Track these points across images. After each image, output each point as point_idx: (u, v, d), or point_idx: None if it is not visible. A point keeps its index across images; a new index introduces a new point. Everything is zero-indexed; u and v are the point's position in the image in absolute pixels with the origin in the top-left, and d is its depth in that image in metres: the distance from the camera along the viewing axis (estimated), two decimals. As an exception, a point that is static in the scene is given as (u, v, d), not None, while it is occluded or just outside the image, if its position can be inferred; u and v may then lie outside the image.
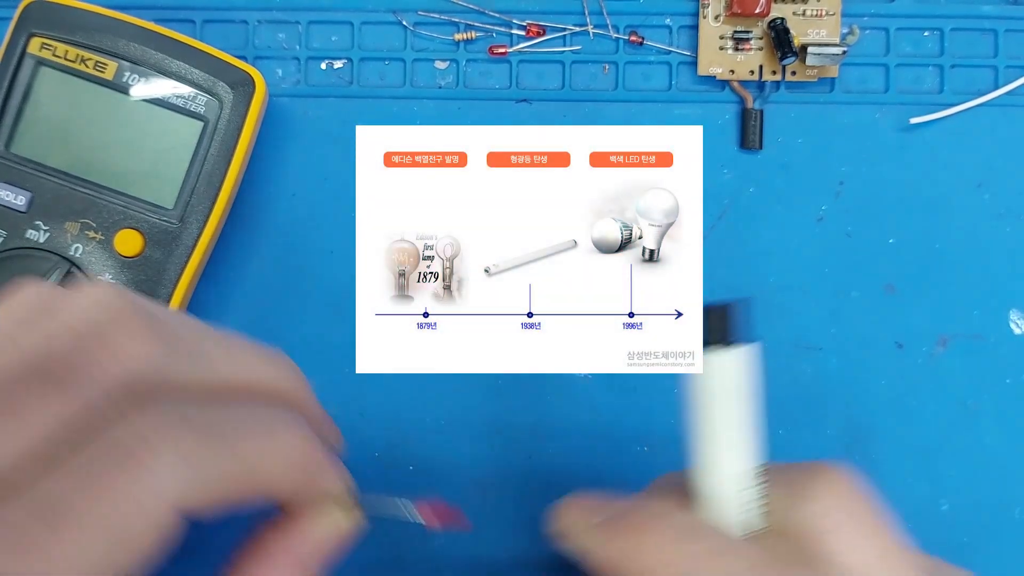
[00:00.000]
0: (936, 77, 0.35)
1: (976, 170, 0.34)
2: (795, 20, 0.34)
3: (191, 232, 0.31)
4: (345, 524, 0.22)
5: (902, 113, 0.34)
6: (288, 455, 0.20)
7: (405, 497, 0.26)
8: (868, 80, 0.35)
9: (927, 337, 0.34)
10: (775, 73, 0.34)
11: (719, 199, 0.34)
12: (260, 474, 0.19)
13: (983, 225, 0.34)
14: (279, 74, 0.35)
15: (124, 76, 0.31)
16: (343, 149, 0.34)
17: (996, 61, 0.35)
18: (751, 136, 0.34)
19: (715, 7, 0.34)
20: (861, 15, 0.35)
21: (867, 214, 0.34)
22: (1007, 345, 0.34)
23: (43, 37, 0.31)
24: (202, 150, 0.31)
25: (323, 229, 0.34)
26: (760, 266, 0.34)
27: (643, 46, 0.34)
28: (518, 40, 0.35)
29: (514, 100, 0.35)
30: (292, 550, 0.21)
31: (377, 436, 0.34)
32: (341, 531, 0.22)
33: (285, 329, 0.34)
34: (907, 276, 0.34)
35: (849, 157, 0.34)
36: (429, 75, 0.35)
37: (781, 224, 0.34)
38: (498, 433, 0.33)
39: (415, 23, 0.35)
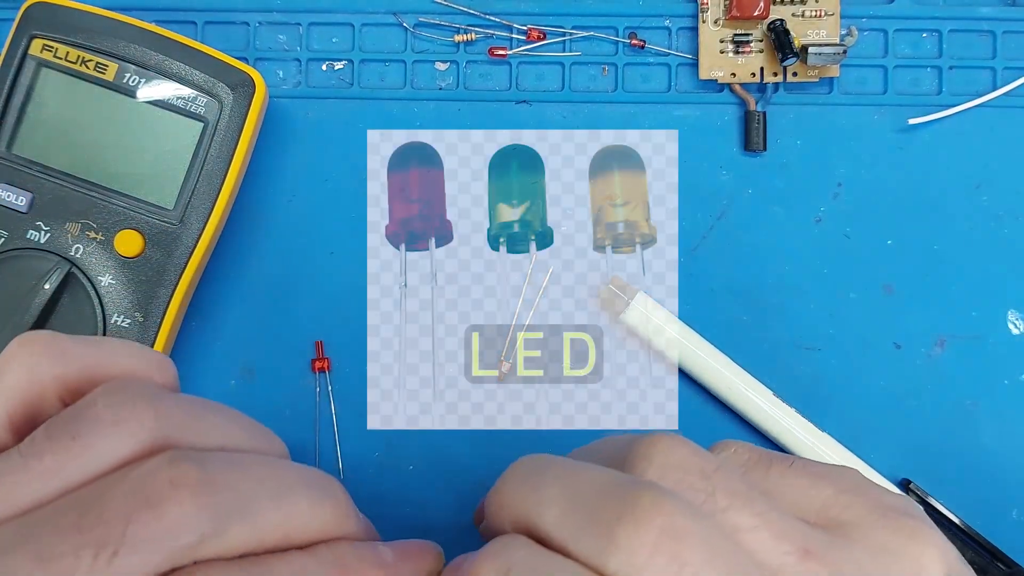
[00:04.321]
0: (934, 78, 0.35)
1: (974, 171, 0.34)
2: (794, 21, 0.34)
3: (191, 233, 0.31)
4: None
5: (900, 114, 0.34)
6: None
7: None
8: (866, 81, 0.35)
9: (925, 338, 0.34)
10: (776, 75, 0.34)
11: (718, 200, 0.34)
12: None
13: (981, 226, 0.34)
14: (280, 75, 0.35)
15: (125, 77, 0.31)
16: (344, 150, 0.34)
17: (994, 62, 0.35)
18: (755, 138, 0.34)
19: (714, 11, 0.34)
20: (859, 17, 0.35)
21: (865, 215, 0.34)
22: (1005, 345, 0.34)
23: (44, 39, 0.31)
24: (202, 151, 0.31)
25: (323, 230, 0.34)
26: (759, 267, 0.34)
27: (642, 49, 0.35)
28: (518, 43, 0.35)
29: (514, 101, 0.35)
30: None
31: (377, 437, 0.34)
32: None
33: (285, 329, 0.34)
34: (905, 277, 0.34)
35: (847, 158, 0.34)
36: (429, 76, 0.35)
37: (780, 225, 0.34)
38: (498, 434, 0.34)
39: (415, 25, 0.35)
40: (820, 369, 0.34)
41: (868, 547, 0.19)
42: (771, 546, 0.18)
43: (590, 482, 0.19)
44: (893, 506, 0.20)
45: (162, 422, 0.19)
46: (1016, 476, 0.33)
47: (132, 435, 0.19)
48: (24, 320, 0.30)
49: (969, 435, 0.34)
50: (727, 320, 0.34)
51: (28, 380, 0.20)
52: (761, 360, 0.34)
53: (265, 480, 0.19)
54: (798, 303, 0.34)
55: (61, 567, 0.17)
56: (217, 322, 0.34)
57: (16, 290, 0.30)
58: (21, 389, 0.20)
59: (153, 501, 0.17)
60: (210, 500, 0.18)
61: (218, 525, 0.18)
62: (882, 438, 0.34)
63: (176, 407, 0.20)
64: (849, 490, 0.20)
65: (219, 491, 0.18)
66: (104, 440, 0.18)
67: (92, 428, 0.18)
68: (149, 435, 0.19)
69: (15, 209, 0.31)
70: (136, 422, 0.19)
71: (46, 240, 0.31)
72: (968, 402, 0.34)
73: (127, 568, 0.17)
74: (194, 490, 0.18)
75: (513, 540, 0.20)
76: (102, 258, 0.31)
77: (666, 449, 0.19)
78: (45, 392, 0.20)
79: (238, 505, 0.18)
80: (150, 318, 0.31)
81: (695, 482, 0.19)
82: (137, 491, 0.17)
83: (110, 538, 0.17)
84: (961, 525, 0.32)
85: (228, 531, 0.18)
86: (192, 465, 0.18)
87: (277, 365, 0.34)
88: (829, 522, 0.20)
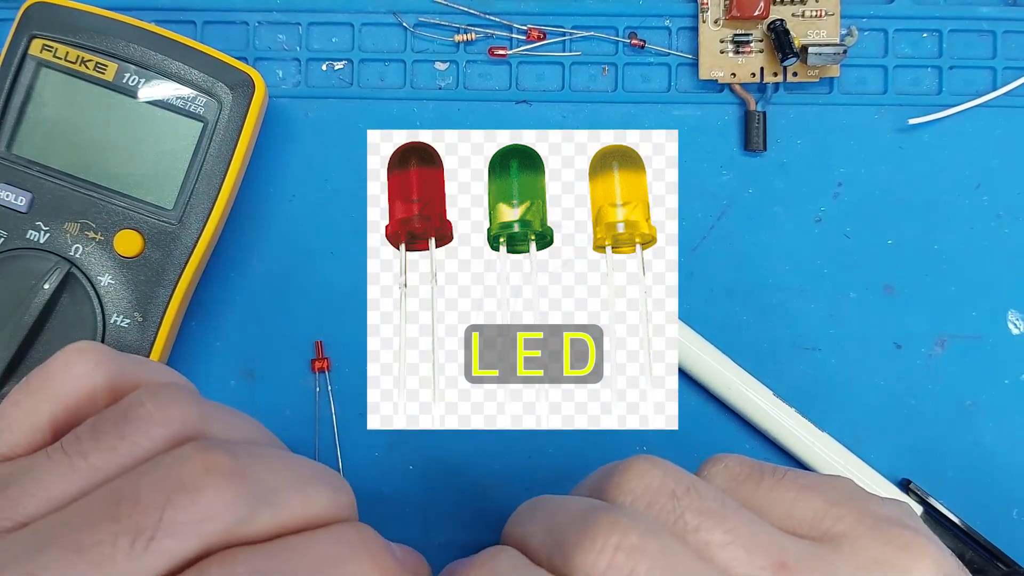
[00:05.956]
0: (935, 78, 0.35)
1: (974, 171, 0.34)
2: (794, 22, 0.34)
3: (191, 233, 0.31)
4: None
5: (900, 114, 0.34)
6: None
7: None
8: (867, 81, 0.35)
9: (925, 338, 0.34)
10: (776, 75, 0.34)
11: (718, 200, 0.34)
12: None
13: (981, 226, 0.34)
14: (279, 75, 0.35)
15: (124, 77, 0.31)
16: (343, 150, 0.34)
17: (994, 62, 0.35)
18: (755, 138, 0.34)
19: (714, 11, 0.34)
20: (860, 16, 0.35)
21: (865, 215, 0.34)
22: (1005, 345, 0.34)
23: (44, 39, 0.31)
24: (202, 151, 0.31)
25: (323, 230, 0.34)
26: (759, 267, 0.34)
27: (642, 49, 0.34)
28: (518, 42, 0.35)
29: (514, 101, 0.35)
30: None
31: (377, 436, 0.34)
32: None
33: (285, 329, 0.34)
34: (905, 277, 0.34)
35: (848, 158, 0.34)
36: (429, 76, 0.35)
37: (780, 225, 0.34)
38: (498, 434, 0.33)
39: (415, 24, 0.35)
40: (820, 369, 0.34)
41: (857, 560, 0.19)
42: (744, 560, 0.19)
43: (567, 511, 0.20)
44: (886, 516, 0.20)
45: (204, 420, 0.20)
46: (1016, 476, 0.33)
47: (178, 432, 0.19)
48: (24, 320, 0.30)
49: (969, 435, 0.34)
50: (727, 320, 0.34)
51: (82, 386, 0.20)
52: (761, 360, 0.34)
53: (287, 470, 0.20)
54: (798, 303, 0.34)
55: (99, 555, 0.17)
56: (217, 322, 0.34)
57: (16, 290, 0.30)
58: (74, 394, 0.20)
59: (189, 487, 0.18)
60: (242, 487, 0.18)
61: (249, 511, 0.18)
62: (882, 438, 0.34)
63: (214, 408, 0.21)
64: (840, 501, 0.21)
65: (249, 478, 0.19)
66: (152, 440, 0.19)
67: (140, 428, 0.19)
68: (192, 432, 0.20)
69: (15, 209, 0.31)
70: (180, 421, 0.19)
71: (46, 240, 0.31)
72: (968, 402, 0.34)
73: (163, 553, 0.17)
74: (227, 476, 0.18)
75: (502, 551, 0.21)
76: (102, 258, 0.31)
77: (637, 474, 0.21)
78: (96, 398, 0.21)
79: (266, 492, 0.19)
80: (149, 318, 0.31)
81: (665, 503, 0.20)
82: (172, 477, 0.18)
83: (147, 524, 0.17)
84: (961, 525, 0.32)
85: (258, 516, 0.19)
86: (223, 453, 0.19)
87: (277, 365, 0.34)
88: (821, 534, 0.20)
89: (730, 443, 0.33)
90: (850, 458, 0.32)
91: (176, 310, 0.31)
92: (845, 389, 0.34)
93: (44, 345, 0.30)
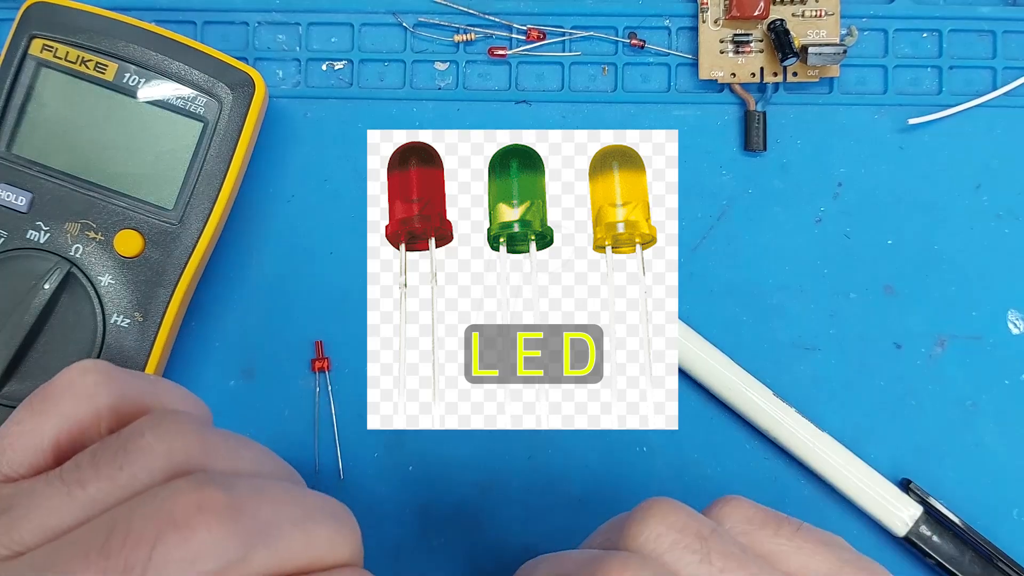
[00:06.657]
0: (934, 78, 0.35)
1: (974, 171, 0.34)
2: (794, 21, 0.34)
3: (191, 233, 0.31)
4: None
5: (901, 114, 0.34)
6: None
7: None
8: (867, 81, 0.35)
9: (926, 338, 0.34)
10: (776, 75, 0.34)
11: (718, 200, 0.34)
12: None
13: (981, 226, 0.34)
14: (279, 75, 0.35)
15: (125, 77, 0.31)
16: (343, 150, 0.34)
17: (994, 62, 0.35)
18: (755, 138, 0.34)
19: (714, 11, 0.34)
20: (859, 16, 0.35)
21: (866, 215, 0.34)
22: (1005, 346, 0.34)
23: (44, 39, 0.31)
24: (202, 151, 0.31)
25: (323, 230, 0.34)
26: (759, 267, 0.34)
27: (642, 49, 0.35)
28: (518, 43, 0.35)
29: (513, 101, 0.35)
30: None
31: (377, 436, 0.34)
32: None
33: (285, 329, 0.34)
34: (906, 277, 0.34)
35: (848, 158, 0.34)
36: (429, 76, 0.35)
37: (780, 225, 0.34)
38: (498, 434, 0.33)
39: (415, 25, 0.35)
40: (820, 369, 0.34)
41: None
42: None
43: (572, 562, 0.21)
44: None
45: (207, 452, 0.19)
46: (1016, 476, 0.33)
47: (179, 465, 0.19)
48: (24, 320, 0.30)
49: (969, 435, 0.34)
50: (727, 320, 0.34)
51: (86, 408, 0.20)
52: (761, 360, 0.34)
53: (289, 506, 0.19)
54: (798, 303, 0.34)
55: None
56: (217, 322, 0.34)
57: (16, 290, 0.30)
58: (78, 416, 0.20)
59: (180, 525, 0.17)
60: (236, 525, 0.18)
61: (244, 550, 0.18)
62: (882, 438, 0.34)
63: (219, 439, 0.20)
64: (852, 562, 0.21)
65: (245, 516, 0.18)
66: (151, 473, 0.19)
67: (139, 459, 0.19)
68: (194, 464, 0.19)
69: (15, 209, 0.31)
70: (181, 452, 0.19)
71: (46, 240, 0.31)
72: (968, 402, 0.34)
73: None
74: (221, 515, 0.18)
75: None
76: (102, 258, 0.31)
77: (661, 512, 0.20)
78: (100, 420, 0.20)
79: (263, 530, 0.18)
80: (150, 318, 0.31)
81: (691, 543, 0.20)
82: (164, 513, 0.17)
83: (136, 562, 0.17)
84: (961, 525, 0.32)
85: (253, 557, 0.18)
86: (218, 489, 0.18)
87: (277, 365, 0.34)
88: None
89: (730, 443, 0.33)
90: (850, 458, 0.32)
91: (176, 310, 0.31)
92: (845, 389, 0.34)
93: (44, 345, 0.30)
